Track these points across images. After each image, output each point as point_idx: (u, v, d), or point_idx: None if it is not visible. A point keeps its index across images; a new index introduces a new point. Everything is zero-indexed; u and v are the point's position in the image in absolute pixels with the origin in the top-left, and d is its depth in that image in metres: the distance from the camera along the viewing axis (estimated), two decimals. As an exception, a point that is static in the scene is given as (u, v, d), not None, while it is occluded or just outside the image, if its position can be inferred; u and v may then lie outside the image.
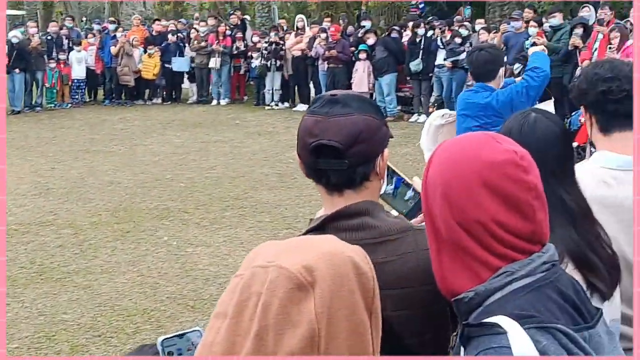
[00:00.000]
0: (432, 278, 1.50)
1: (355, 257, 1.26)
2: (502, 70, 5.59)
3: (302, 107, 16.93)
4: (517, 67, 11.28)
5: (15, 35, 16.63)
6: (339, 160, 1.70)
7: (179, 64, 18.05)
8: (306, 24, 17.35)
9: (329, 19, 18.43)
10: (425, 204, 1.48)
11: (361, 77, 15.37)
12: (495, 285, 1.37)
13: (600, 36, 10.69)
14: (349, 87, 15.72)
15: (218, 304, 1.27)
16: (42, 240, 7.55)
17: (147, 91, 18.67)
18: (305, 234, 1.75)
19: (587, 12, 12.12)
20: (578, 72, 8.70)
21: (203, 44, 17.63)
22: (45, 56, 16.91)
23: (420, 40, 14.73)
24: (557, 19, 11.61)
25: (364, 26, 16.54)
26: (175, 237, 7.64)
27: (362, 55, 15.33)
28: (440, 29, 14.89)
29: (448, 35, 14.61)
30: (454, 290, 1.43)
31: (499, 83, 5.53)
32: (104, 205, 8.87)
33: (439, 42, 14.55)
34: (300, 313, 1.18)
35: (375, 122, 1.74)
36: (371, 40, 15.51)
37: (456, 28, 14.85)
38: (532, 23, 11.71)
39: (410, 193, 2.10)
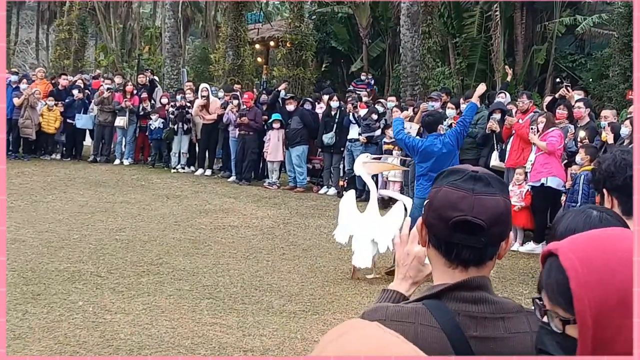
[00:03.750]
0: None
1: None
2: None
3: (208, 172, 16.71)
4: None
5: None
6: (476, 237, 1.71)
7: (84, 121, 17.57)
8: (210, 93, 17.01)
9: (239, 85, 18.43)
10: (582, 312, 1.28)
11: (276, 146, 15.27)
12: None
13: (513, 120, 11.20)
14: (259, 155, 15.68)
15: None
16: (-56, 300, 6.95)
17: (46, 146, 18.03)
18: (419, 300, 1.76)
19: (502, 98, 12.56)
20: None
21: (105, 101, 17.19)
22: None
23: (335, 114, 14.83)
24: (475, 104, 11.95)
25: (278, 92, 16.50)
26: (91, 302, 7.22)
27: (276, 125, 15.27)
28: (352, 103, 15.05)
29: (360, 109, 14.76)
30: None
31: None
32: (9, 265, 8.29)
33: (350, 117, 14.65)
34: None
35: (510, 204, 1.77)
36: (291, 106, 15.54)
37: (371, 104, 15.09)
38: (449, 105, 11.97)
39: None
